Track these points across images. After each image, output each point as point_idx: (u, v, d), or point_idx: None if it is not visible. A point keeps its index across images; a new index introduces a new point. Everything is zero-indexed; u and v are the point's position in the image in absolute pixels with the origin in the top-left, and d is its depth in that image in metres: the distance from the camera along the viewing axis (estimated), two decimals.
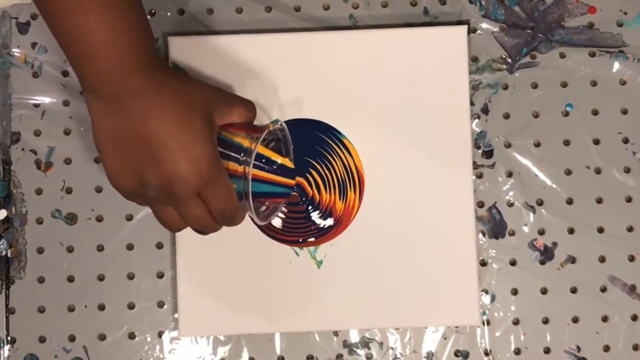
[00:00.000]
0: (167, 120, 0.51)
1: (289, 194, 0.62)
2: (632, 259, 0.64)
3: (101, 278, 0.64)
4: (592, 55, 0.65)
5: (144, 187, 0.52)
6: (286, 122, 0.62)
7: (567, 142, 0.64)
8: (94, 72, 0.51)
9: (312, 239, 0.63)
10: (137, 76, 0.51)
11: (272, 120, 0.58)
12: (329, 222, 0.63)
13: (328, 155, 0.63)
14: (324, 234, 0.63)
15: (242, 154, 0.54)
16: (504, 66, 0.65)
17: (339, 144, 0.63)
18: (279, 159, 0.61)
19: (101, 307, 0.64)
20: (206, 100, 0.54)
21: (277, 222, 0.63)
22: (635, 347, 0.63)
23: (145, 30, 0.53)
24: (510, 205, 0.64)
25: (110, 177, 0.53)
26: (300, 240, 0.63)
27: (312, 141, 0.63)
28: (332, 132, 0.63)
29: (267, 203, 0.61)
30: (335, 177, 0.63)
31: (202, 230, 0.55)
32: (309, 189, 0.63)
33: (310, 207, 0.63)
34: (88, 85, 0.52)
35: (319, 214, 0.63)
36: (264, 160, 0.60)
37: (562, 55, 0.65)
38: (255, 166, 0.58)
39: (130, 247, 0.64)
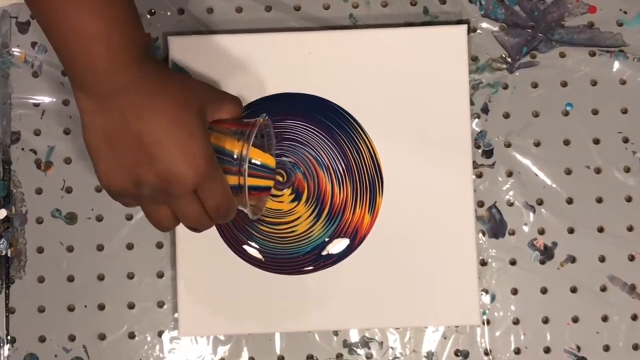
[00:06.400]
0: (162, 118, 0.51)
1: (271, 187, 0.62)
2: (632, 258, 0.64)
3: (101, 278, 0.64)
4: (592, 54, 0.65)
5: (138, 186, 0.52)
6: (304, 95, 0.62)
7: (567, 142, 0.64)
8: (85, 68, 0.50)
9: (311, 268, 0.63)
10: (130, 72, 0.51)
11: (261, 115, 0.58)
12: (347, 243, 0.63)
13: (354, 138, 0.63)
14: (337, 261, 0.63)
15: (235, 157, 0.54)
16: (504, 66, 0.65)
17: (359, 128, 0.63)
18: (260, 159, 0.60)
19: (101, 307, 0.64)
20: (199, 97, 0.54)
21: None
22: (635, 347, 0.63)
23: (137, 25, 0.52)
24: (510, 205, 0.64)
25: (101, 177, 0.52)
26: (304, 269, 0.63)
27: (333, 115, 0.63)
28: (349, 115, 0.63)
29: (262, 199, 0.61)
30: (365, 175, 0.62)
31: (196, 228, 0.55)
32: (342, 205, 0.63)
33: (328, 239, 0.63)
34: (79, 82, 0.51)
35: (341, 240, 0.63)
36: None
37: (562, 55, 0.65)
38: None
39: (130, 246, 0.64)
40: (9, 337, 0.64)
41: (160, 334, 0.64)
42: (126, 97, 0.51)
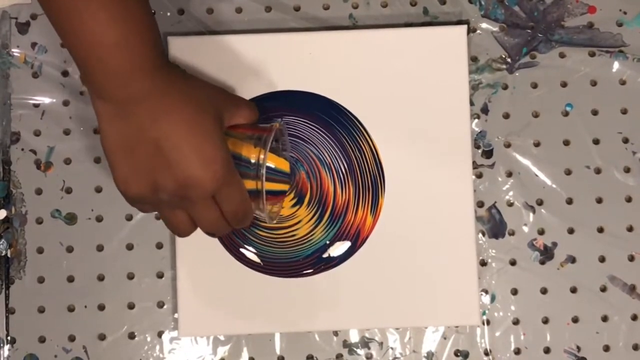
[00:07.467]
0: (180, 123, 0.51)
1: (287, 192, 0.62)
2: (632, 259, 0.64)
3: (101, 278, 0.64)
4: (592, 55, 0.65)
5: (156, 192, 0.52)
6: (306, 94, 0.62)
7: (567, 142, 0.64)
8: (103, 75, 0.50)
9: (311, 271, 0.63)
10: (148, 79, 0.50)
11: (277, 120, 0.58)
12: (349, 246, 0.63)
13: (356, 136, 0.62)
14: (338, 264, 0.63)
15: (252, 163, 0.54)
16: (504, 66, 0.65)
17: (361, 126, 0.63)
18: (275, 163, 0.60)
19: (101, 307, 0.64)
20: (215, 102, 0.54)
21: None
22: (635, 347, 0.63)
23: (154, 31, 0.52)
24: (510, 205, 0.64)
25: (119, 183, 0.52)
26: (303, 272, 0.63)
27: (335, 113, 0.63)
28: (351, 114, 0.63)
29: (278, 203, 0.61)
30: (367, 174, 0.62)
31: (214, 233, 0.55)
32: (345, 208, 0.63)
33: (329, 242, 0.62)
34: (97, 89, 0.51)
35: (342, 243, 0.63)
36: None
37: (562, 55, 0.65)
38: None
39: (130, 247, 0.64)
40: (9, 338, 0.63)
41: (160, 334, 0.64)
42: (144, 103, 0.50)
